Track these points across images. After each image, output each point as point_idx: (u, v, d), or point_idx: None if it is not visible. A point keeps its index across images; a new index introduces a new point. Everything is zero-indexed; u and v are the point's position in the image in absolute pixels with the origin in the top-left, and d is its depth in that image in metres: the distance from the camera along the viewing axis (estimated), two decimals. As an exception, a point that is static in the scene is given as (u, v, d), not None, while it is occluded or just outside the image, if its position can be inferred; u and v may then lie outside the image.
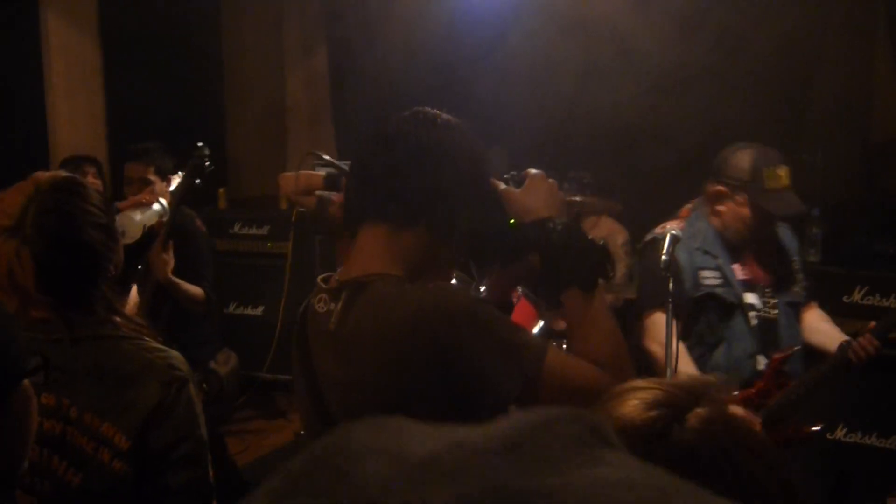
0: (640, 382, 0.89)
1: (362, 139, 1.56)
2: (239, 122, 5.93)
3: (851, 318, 3.52)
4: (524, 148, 4.41)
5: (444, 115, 1.52)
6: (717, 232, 2.71)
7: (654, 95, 4.47)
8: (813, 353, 2.74)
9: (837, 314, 3.52)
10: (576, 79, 4.62)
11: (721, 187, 2.68)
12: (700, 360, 2.66)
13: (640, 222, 3.22)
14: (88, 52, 5.16)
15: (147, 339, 1.61)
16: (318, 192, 3.14)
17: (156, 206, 3.44)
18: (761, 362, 2.65)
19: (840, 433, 3.49)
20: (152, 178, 3.78)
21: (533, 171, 1.59)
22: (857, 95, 4.89)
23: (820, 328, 2.80)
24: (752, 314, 2.68)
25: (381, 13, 5.11)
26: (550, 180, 1.59)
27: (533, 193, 1.56)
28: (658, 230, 2.74)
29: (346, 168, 2.92)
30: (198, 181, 3.51)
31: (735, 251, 2.72)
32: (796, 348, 2.63)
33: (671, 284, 2.61)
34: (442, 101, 1.56)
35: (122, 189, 4.01)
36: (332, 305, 1.46)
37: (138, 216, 3.31)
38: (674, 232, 2.66)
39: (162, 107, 5.03)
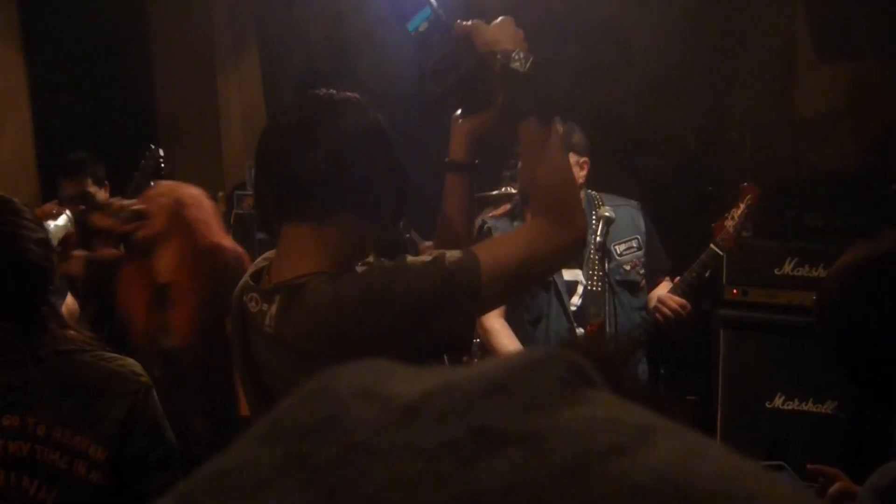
0: None
1: (263, 137, 1.51)
2: (171, 128, 5.84)
3: (784, 289, 3.63)
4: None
5: (340, 94, 1.49)
6: None
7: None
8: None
9: (770, 286, 3.64)
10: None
11: None
12: (525, 337, 2.84)
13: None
14: (12, 64, 5.03)
15: (101, 349, 1.60)
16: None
17: (63, 219, 3.36)
18: (579, 334, 2.79)
19: (778, 401, 3.59)
20: (92, 189, 3.70)
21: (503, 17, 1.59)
22: (781, 75, 5.03)
23: (654, 297, 2.91)
24: (579, 290, 2.81)
25: (312, 11, 5.09)
26: (518, 28, 1.58)
27: (501, 29, 1.56)
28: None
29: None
30: (153, 184, 3.48)
31: None
32: (600, 320, 2.75)
33: (606, 265, 2.70)
34: (385, 104, 1.55)
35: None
36: (265, 306, 1.44)
37: (52, 226, 3.23)
38: (607, 214, 2.74)
39: (91, 115, 4.93)
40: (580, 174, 2.87)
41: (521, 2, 4.76)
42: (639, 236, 2.91)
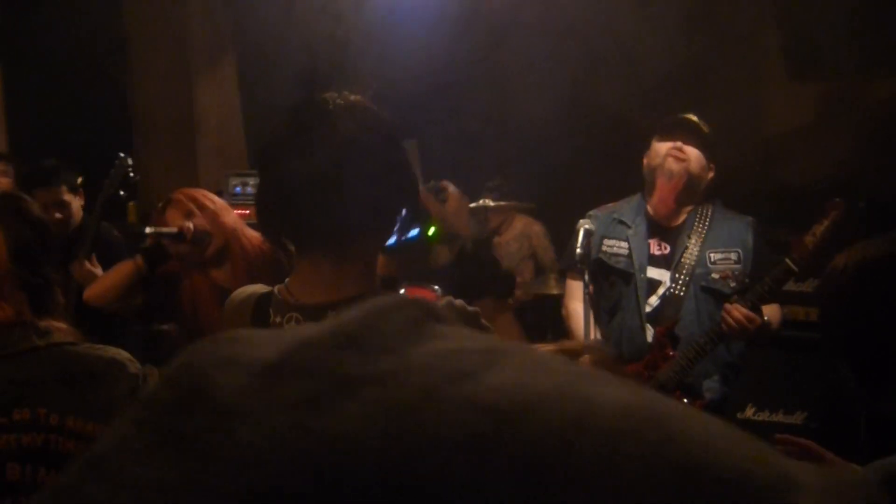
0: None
1: (269, 149, 1.43)
2: (147, 134, 5.81)
3: (754, 302, 3.70)
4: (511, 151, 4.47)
5: (347, 101, 1.40)
6: (646, 207, 2.94)
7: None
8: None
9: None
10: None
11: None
12: (602, 326, 2.88)
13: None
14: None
15: (87, 342, 1.62)
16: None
17: None
18: (650, 334, 2.78)
19: (749, 412, 3.66)
20: (67, 197, 3.67)
21: (451, 188, 1.64)
22: (750, 92, 5.12)
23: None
24: (660, 291, 2.81)
25: (291, 19, 5.10)
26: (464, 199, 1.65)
27: (458, 214, 1.62)
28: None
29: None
30: (122, 192, 3.48)
31: (658, 228, 2.90)
32: (670, 322, 2.75)
33: (586, 276, 2.75)
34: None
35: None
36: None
37: None
38: (587, 227, 2.81)
39: (66, 123, 4.91)
40: (708, 175, 2.96)
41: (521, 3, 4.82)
42: (740, 251, 2.85)
